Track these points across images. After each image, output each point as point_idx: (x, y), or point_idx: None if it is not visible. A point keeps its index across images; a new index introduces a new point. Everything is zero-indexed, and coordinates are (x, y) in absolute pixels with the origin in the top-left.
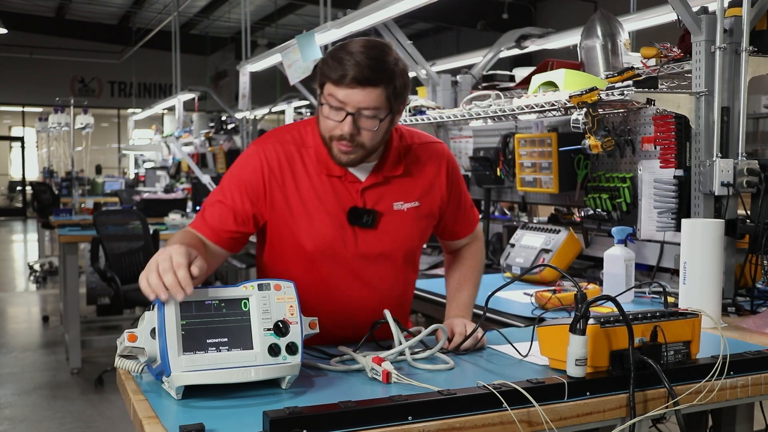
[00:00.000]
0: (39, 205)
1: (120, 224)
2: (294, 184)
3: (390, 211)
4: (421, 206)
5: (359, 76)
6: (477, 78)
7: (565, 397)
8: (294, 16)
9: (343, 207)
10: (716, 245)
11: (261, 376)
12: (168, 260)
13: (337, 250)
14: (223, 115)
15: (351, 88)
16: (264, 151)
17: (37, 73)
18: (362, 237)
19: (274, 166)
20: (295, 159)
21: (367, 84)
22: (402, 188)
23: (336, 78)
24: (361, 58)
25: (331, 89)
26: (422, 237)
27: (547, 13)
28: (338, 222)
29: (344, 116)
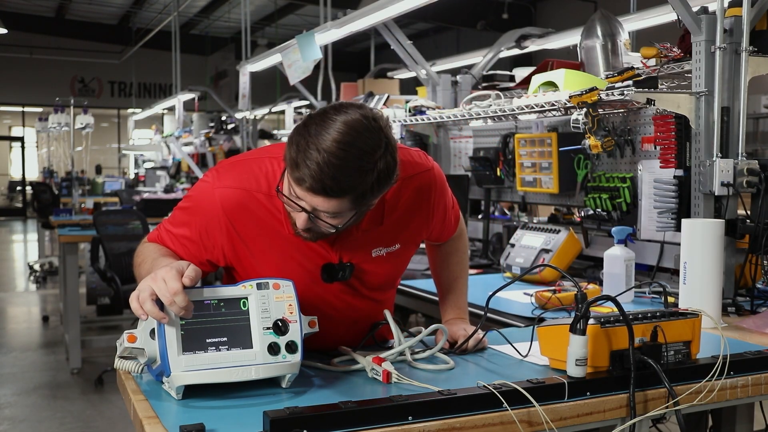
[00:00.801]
0: (39, 205)
1: (120, 224)
2: (259, 234)
3: (368, 259)
4: (401, 247)
5: (317, 187)
6: (477, 78)
7: (565, 397)
8: (294, 16)
9: (315, 262)
10: (716, 245)
11: (261, 375)
12: (164, 288)
13: (312, 301)
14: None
15: (312, 192)
16: (222, 197)
17: (37, 73)
18: (338, 287)
19: (234, 216)
20: (259, 209)
21: (326, 195)
22: (382, 237)
23: (295, 177)
24: (327, 162)
25: (293, 185)
26: (403, 267)
27: (547, 13)
28: (311, 276)
29: (300, 210)
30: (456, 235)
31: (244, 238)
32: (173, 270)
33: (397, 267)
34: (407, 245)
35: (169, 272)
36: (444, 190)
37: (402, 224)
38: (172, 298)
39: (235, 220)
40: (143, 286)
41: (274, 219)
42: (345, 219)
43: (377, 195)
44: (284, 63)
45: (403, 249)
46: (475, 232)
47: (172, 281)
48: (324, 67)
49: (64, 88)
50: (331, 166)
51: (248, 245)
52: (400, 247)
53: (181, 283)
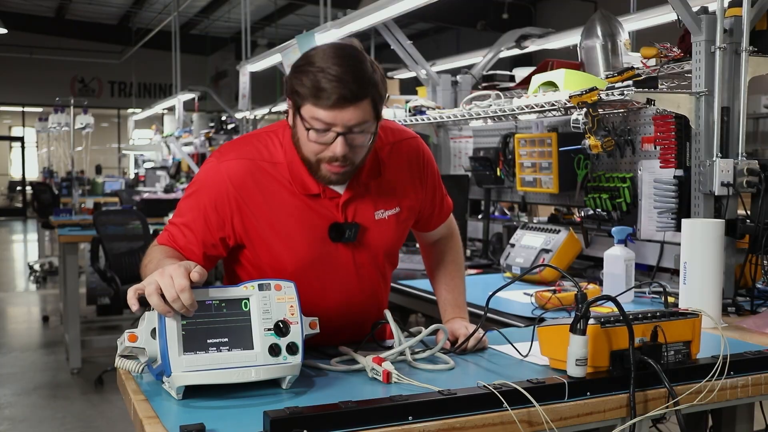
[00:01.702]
0: (39, 205)
1: (120, 224)
2: (265, 203)
3: (372, 221)
4: (401, 211)
5: (346, 94)
6: (477, 78)
7: (565, 397)
8: (294, 16)
9: (323, 224)
10: (716, 245)
11: (261, 376)
12: (171, 284)
13: (320, 267)
14: (223, 115)
15: (337, 108)
16: (228, 169)
17: (37, 73)
18: (344, 251)
19: (241, 186)
20: (265, 177)
21: (354, 101)
22: (381, 196)
23: (316, 99)
24: (340, 72)
25: (314, 111)
26: (403, 237)
27: (547, 13)
28: (319, 239)
29: (334, 137)
30: (448, 233)
31: (252, 207)
32: (181, 267)
33: (398, 234)
34: (405, 211)
35: (177, 269)
36: (432, 162)
37: (398, 185)
38: (177, 294)
39: (243, 191)
40: (149, 281)
41: (280, 185)
42: (371, 130)
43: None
44: (284, 63)
45: (403, 214)
46: (475, 232)
47: (180, 278)
48: None
49: (64, 88)
50: (345, 73)
51: (256, 214)
52: (399, 211)
53: (188, 280)
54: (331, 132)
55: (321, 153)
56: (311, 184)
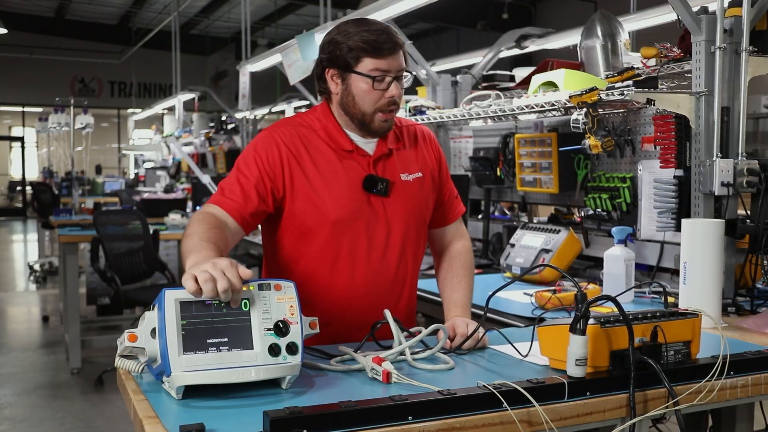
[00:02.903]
0: (39, 205)
1: (120, 224)
2: (310, 159)
3: (399, 181)
4: (423, 177)
5: (396, 43)
6: (477, 78)
7: (565, 397)
8: (294, 16)
9: (358, 177)
10: (716, 245)
11: (261, 376)
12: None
13: (358, 217)
14: (223, 115)
15: (391, 55)
16: (277, 132)
17: (37, 73)
18: (378, 204)
19: (290, 144)
20: (308, 138)
21: (398, 48)
22: (403, 161)
23: (377, 51)
24: (382, 28)
25: (374, 63)
26: (429, 207)
27: (547, 13)
28: (356, 191)
29: (390, 82)
30: (460, 239)
31: (300, 161)
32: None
33: (423, 199)
34: (427, 178)
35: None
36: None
37: (417, 156)
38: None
39: (292, 147)
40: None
41: (321, 143)
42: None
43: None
44: (284, 63)
45: (426, 180)
46: (475, 232)
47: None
48: None
49: (64, 88)
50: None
51: (303, 167)
52: (422, 176)
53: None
54: (387, 78)
55: (379, 102)
56: (345, 142)
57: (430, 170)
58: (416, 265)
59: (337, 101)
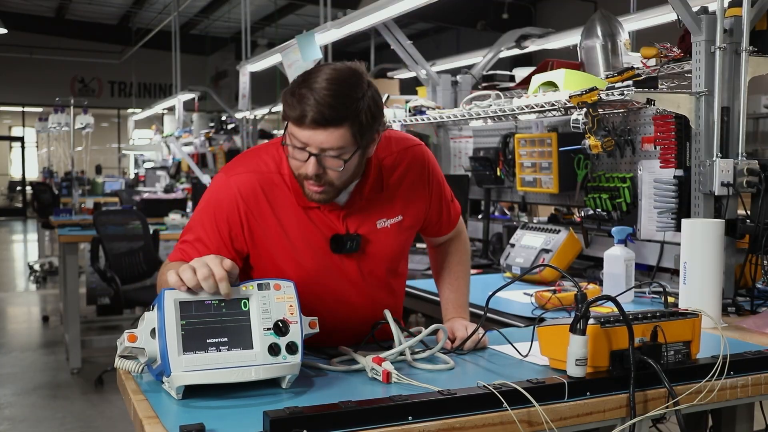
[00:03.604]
0: (39, 205)
1: (120, 224)
2: (273, 214)
3: (374, 230)
4: (404, 219)
5: (318, 118)
6: (477, 78)
7: (565, 397)
8: (294, 16)
9: (324, 235)
10: (716, 245)
11: (261, 376)
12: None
13: (323, 279)
14: (223, 115)
15: (311, 129)
16: (237, 183)
17: (37, 73)
18: (347, 262)
19: (250, 199)
20: (271, 189)
21: (327, 125)
22: (384, 205)
23: (295, 118)
24: (322, 95)
25: (292, 129)
26: (406, 246)
27: (547, 13)
28: (321, 251)
29: (307, 157)
30: (456, 235)
31: (260, 219)
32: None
33: (401, 242)
34: (409, 218)
35: (215, 260)
36: (437, 169)
37: (402, 194)
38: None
39: (252, 203)
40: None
41: (286, 196)
42: (347, 154)
43: (371, 127)
44: (284, 63)
45: (406, 222)
46: (475, 232)
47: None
48: None
49: (64, 88)
50: (326, 96)
51: (263, 226)
52: (402, 219)
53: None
54: (305, 151)
55: (299, 169)
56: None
57: (414, 210)
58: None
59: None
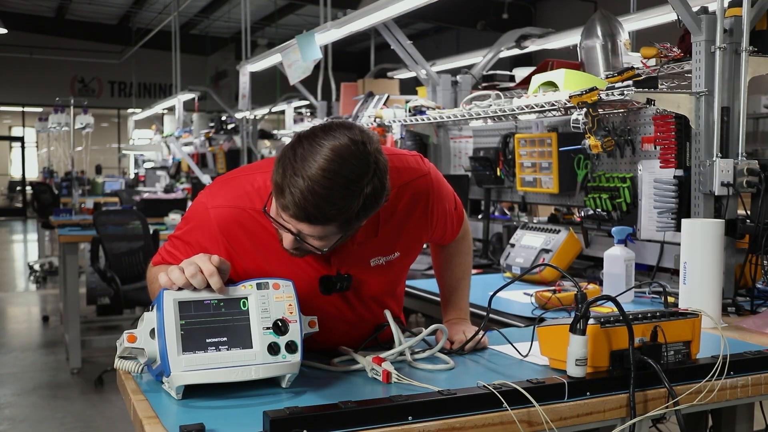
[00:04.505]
0: (39, 205)
1: (120, 224)
2: (255, 251)
3: (367, 269)
4: (401, 255)
5: (300, 215)
6: (477, 78)
7: (565, 397)
8: (294, 16)
9: (311, 276)
10: (716, 245)
11: (261, 375)
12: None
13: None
14: (223, 115)
15: (294, 220)
16: (215, 216)
17: (37, 73)
18: (341, 299)
19: (228, 233)
20: (254, 225)
21: (309, 222)
22: (379, 245)
23: (279, 201)
24: (312, 190)
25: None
26: (403, 273)
27: (547, 13)
28: (311, 291)
29: (286, 232)
30: (460, 237)
31: (240, 253)
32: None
33: (398, 275)
34: (407, 252)
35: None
36: (441, 194)
37: (400, 232)
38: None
39: (230, 237)
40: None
41: (268, 233)
42: (331, 242)
43: (363, 219)
44: (284, 63)
45: (403, 257)
46: (475, 232)
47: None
48: (324, 67)
49: (64, 88)
50: (315, 194)
51: (244, 260)
52: (399, 255)
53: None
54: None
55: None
56: None
57: (413, 244)
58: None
59: None
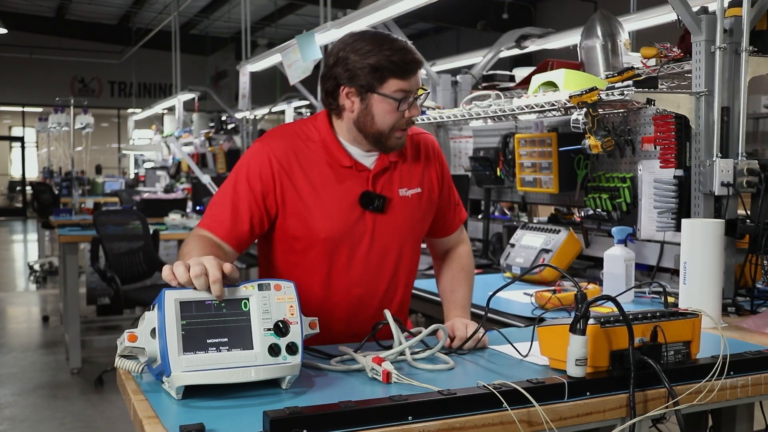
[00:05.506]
0: (39, 205)
1: (120, 224)
2: (303, 174)
3: (397, 197)
4: (422, 192)
5: (420, 60)
6: (477, 78)
7: (565, 397)
8: (294, 16)
9: (354, 194)
10: (716, 245)
11: (261, 376)
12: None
13: (350, 234)
14: (223, 115)
15: (415, 75)
16: (270, 146)
17: (37, 73)
18: (373, 221)
19: (282, 160)
20: (303, 151)
21: (421, 66)
22: (404, 176)
23: (405, 71)
24: (404, 45)
25: (399, 84)
26: (425, 222)
27: (547, 13)
28: (350, 208)
29: (412, 101)
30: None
31: (292, 177)
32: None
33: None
34: (426, 192)
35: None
36: (444, 158)
37: (418, 170)
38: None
39: (285, 163)
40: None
41: (317, 157)
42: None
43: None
44: (284, 63)
45: (424, 195)
46: (475, 232)
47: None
48: None
49: (64, 88)
50: (406, 46)
51: (295, 184)
52: (421, 192)
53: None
54: (409, 97)
55: (399, 121)
56: (344, 157)
57: (429, 185)
58: (409, 281)
59: (350, 118)
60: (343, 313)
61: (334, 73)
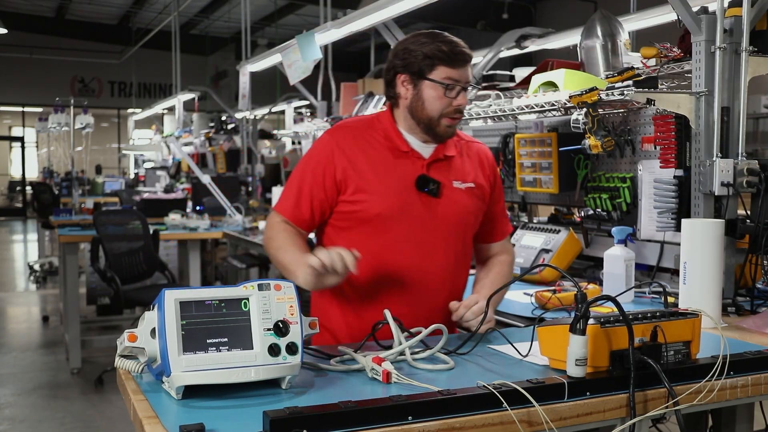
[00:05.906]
0: (39, 205)
1: (120, 224)
2: (364, 158)
3: (450, 186)
4: (475, 188)
5: (468, 55)
6: (477, 78)
7: (565, 397)
8: (294, 16)
9: (410, 176)
10: (716, 245)
11: (261, 376)
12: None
13: (405, 213)
14: (223, 115)
15: (462, 66)
16: (334, 135)
17: (37, 73)
18: (427, 205)
19: (346, 146)
20: (365, 137)
21: (469, 60)
22: (458, 169)
23: (454, 60)
24: (456, 40)
25: (448, 72)
26: (477, 217)
27: (547, 13)
28: (406, 188)
29: (459, 91)
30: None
31: (353, 161)
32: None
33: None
34: (478, 189)
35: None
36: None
37: (474, 165)
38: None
39: (347, 149)
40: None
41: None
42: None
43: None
44: (284, 63)
45: (476, 190)
46: None
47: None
48: (324, 67)
49: (64, 88)
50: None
51: (356, 167)
52: (473, 187)
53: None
54: (456, 87)
55: (446, 108)
56: (402, 143)
57: (481, 186)
58: (461, 271)
59: (405, 105)
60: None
61: (393, 64)
